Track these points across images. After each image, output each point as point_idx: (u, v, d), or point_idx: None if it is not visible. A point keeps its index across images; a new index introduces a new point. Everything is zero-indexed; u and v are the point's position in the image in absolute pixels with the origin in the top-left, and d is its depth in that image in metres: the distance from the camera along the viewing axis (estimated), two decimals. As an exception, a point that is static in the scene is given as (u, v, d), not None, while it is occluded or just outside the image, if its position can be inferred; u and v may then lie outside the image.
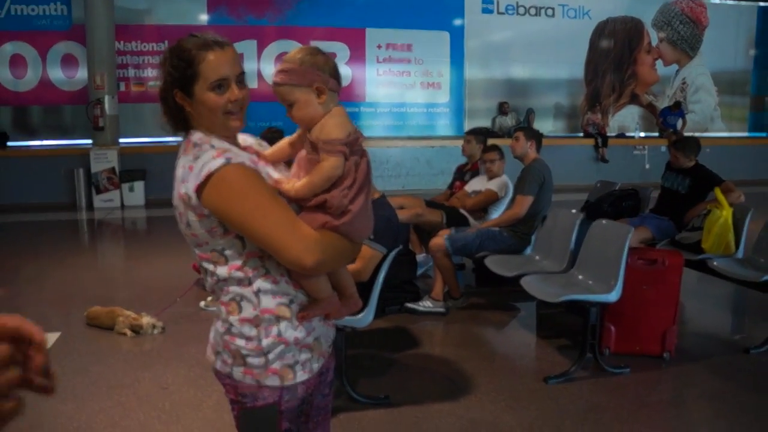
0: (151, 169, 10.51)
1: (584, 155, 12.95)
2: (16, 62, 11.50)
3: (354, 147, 1.61)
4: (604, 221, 4.39)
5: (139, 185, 10.69)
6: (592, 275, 4.16)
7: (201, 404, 3.53)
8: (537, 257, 4.94)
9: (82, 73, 11.37)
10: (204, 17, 12.30)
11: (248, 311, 1.60)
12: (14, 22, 11.51)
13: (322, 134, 1.60)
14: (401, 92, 13.19)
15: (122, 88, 11.46)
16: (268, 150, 1.76)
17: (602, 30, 14.19)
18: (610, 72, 14.37)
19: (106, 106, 10.62)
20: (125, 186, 10.65)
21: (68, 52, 11.59)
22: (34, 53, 11.50)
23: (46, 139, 11.73)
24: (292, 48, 1.70)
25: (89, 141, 10.88)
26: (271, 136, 4.19)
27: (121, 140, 11.00)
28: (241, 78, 1.61)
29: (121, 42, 11.50)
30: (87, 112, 10.80)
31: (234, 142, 1.66)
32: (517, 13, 13.54)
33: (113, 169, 10.54)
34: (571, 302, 3.94)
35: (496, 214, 5.60)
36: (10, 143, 11.16)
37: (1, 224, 9.16)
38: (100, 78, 10.62)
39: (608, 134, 13.58)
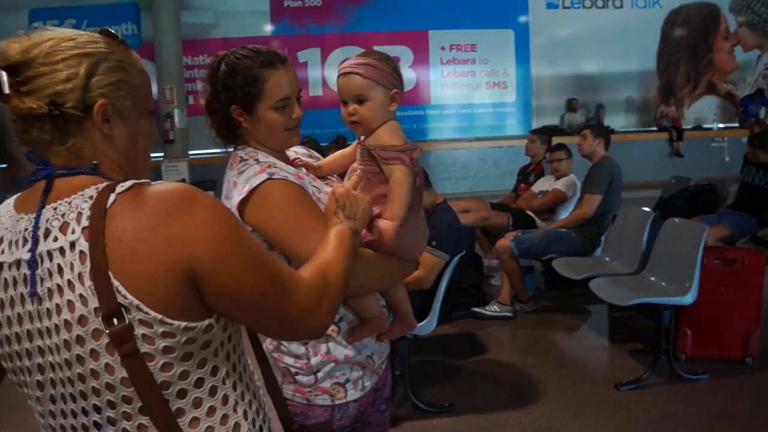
0: (220, 180, 10.60)
1: (658, 150, 12.47)
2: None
3: (413, 159, 1.55)
4: (677, 219, 4.20)
5: (209, 195, 11.00)
6: (665, 277, 3.99)
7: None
8: (607, 259, 4.78)
9: (152, 89, 11.76)
10: (268, 28, 12.53)
11: None
12: (90, 43, 12.07)
13: (380, 142, 1.55)
14: (467, 93, 13.03)
15: (191, 101, 11.81)
16: (321, 162, 1.73)
17: (674, 18, 13.62)
18: (684, 62, 13.77)
19: (176, 119, 10.97)
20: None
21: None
22: (108, 72, 12.03)
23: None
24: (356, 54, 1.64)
25: (160, 154, 11.26)
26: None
27: (191, 152, 11.33)
28: (299, 95, 1.59)
29: (189, 57, 11.86)
30: (158, 126, 11.19)
31: (283, 155, 1.65)
32: (583, 7, 13.16)
33: (184, 180, 10.87)
34: (644, 305, 3.77)
35: (564, 214, 5.46)
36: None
37: None
38: (170, 92, 10.99)
39: (684, 127, 13.03)
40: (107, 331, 0.94)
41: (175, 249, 0.95)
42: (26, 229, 1.00)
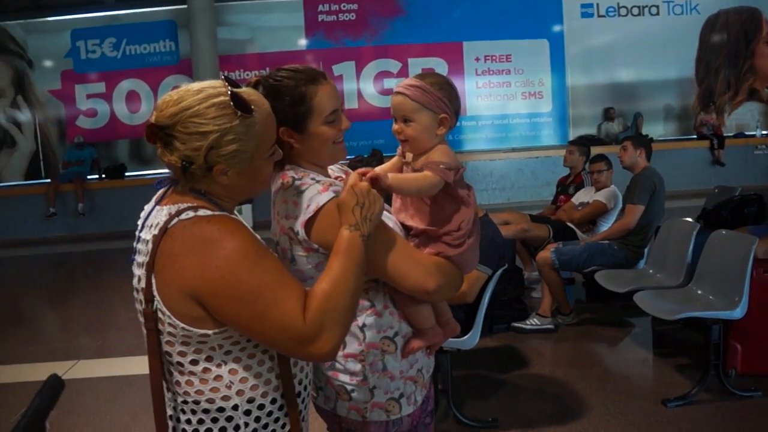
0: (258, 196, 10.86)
1: (699, 159, 12.24)
2: (131, 98, 12.38)
3: (459, 178, 1.58)
4: (723, 231, 4.10)
5: (247, 208, 11.05)
6: (712, 290, 3.89)
7: (311, 426, 3.57)
8: (650, 271, 4.69)
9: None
10: (303, 42, 12.68)
11: (353, 346, 1.59)
12: (129, 61, 12.43)
13: (435, 157, 1.59)
14: (502, 104, 13.00)
15: (228, 116, 12.02)
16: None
17: (713, 24, 13.40)
18: (724, 68, 13.52)
19: (215, 133, 11.15)
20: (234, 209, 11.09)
21: (177, 84, 12.23)
22: (147, 89, 12.31)
23: (159, 168, 12.45)
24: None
25: (200, 167, 11.46)
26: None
27: (231, 166, 11.50)
28: (342, 108, 1.62)
29: (225, 72, 12.05)
30: (197, 140, 11.38)
31: (326, 173, 1.66)
32: (619, 15, 13.04)
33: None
34: (690, 319, 3.69)
35: (605, 226, 5.38)
36: (128, 173, 11.93)
37: (126, 249, 9.74)
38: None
39: (725, 134, 12.77)
40: (142, 308, 1.34)
41: (183, 276, 1.28)
42: (143, 217, 1.42)
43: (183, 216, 1.30)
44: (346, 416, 1.63)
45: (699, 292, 3.99)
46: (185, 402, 1.37)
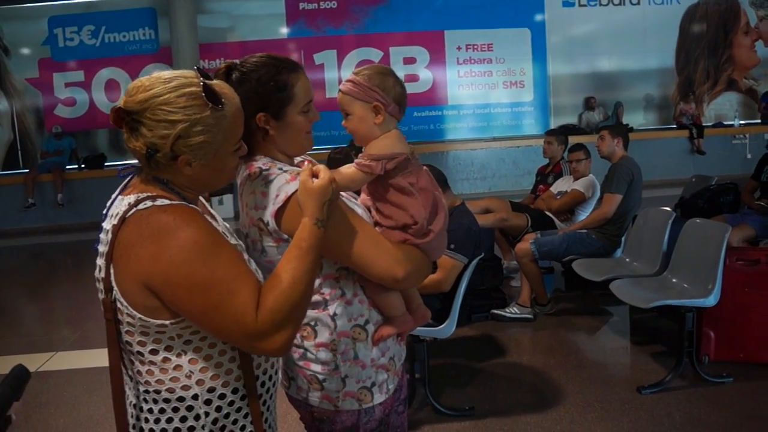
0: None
1: (678, 148, 12.34)
2: (111, 87, 12.19)
3: (400, 164, 1.59)
4: (698, 220, 4.15)
5: (228, 198, 11.04)
6: (687, 278, 3.94)
7: (285, 416, 3.57)
8: (627, 260, 4.73)
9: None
10: (284, 30, 12.59)
11: (324, 336, 1.59)
12: (108, 49, 12.25)
13: (367, 149, 1.62)
14: (484, 93, 13.00)
15: (209, 105, 11.93)
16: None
17: (693, 14, 13.48)
18: (703, 58, 13.62)
19: (194, 122, 11.06)
20: (215, 199, 11.02)
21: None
22: (126, 77, 12.11)
23: (138, 157, 12.36)
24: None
25: (179, 157, 11.37)
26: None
27: (210, 155, 11.42)
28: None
29: (206, 60, 11.93)
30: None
31: (292, 163, 1.66)
32: (600, 4, 13.06)
33: (204, 182, 10.94)
34: (665, 307, 3.73)
35: (584, 215, 5.42)
36: (107, 163, 11.79)
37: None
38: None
39: (704, 124, 12.88)
40: (102, 298, 1.34)
41: (137, 266, 1.27)
42: (107, 206, 1.40)
43: (141, 206, 1.29)
44: (318, 406, 1.63)
45: (674, 280, 4.04)
46: (147, 392, 1.38)
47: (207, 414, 1.37)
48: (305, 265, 1.32)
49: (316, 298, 1.56)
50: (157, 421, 1.38)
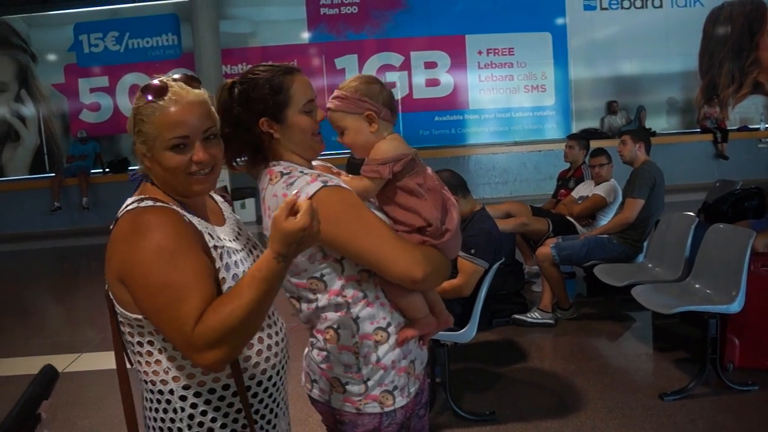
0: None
1: (702, 152, 12.20)
2: (135, 92, 12.27)
3: (407, 166, 1.61)
4: (722, 225, 4.10)
5: (250, 202, 11.13)
6: (710, 284, 3.90)
7: (308, 419, 3.59)
8: (649, 265, 4.70)
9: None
10: (305, 35, 12.66)
11: (347, 339, 1.61)
12: (132, 55, 12.43)
13: (371, 156, 1.63)
14: (505, 97, 12.95)
15: (230, 109, 12.04)
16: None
17: (717, 16, 13.32)
18: (728, 61, 13.45)
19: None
20: (237, 203, 11.11)
21: (179, 78, 12.30)
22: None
23: (164, 162, 12.48)
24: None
25: (201, 161, 11.47)
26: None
27: (231, 159, 11.50)
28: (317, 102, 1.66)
29: (228, 65, 12.05)
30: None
31: (311, 167, 1.68)
32: (622, 7, 12.97)
33: (225, 187, 11.02)
34: (688, 313, 3.70)
35: (605, 220, 5.38)
36: (131, 167, 11.95)
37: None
38: (210, 101, 11.16)
39: (728, 128, 12.72)
40: (105, 288, 1.44)
41: (114, 262, 1.37)
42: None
43: (130, 206, 1.39)
44: (340, 408, 1.65)
45: (697, 286, 4.00)
46: (144, 381, 1.47)
47: (183, 409, 1.41)
48: (254, 294, 1.27)
49: (339, 300, 1.58)
50: (150, 410, 1.46)
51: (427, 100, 12.71)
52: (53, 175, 12.00)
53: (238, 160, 1.67)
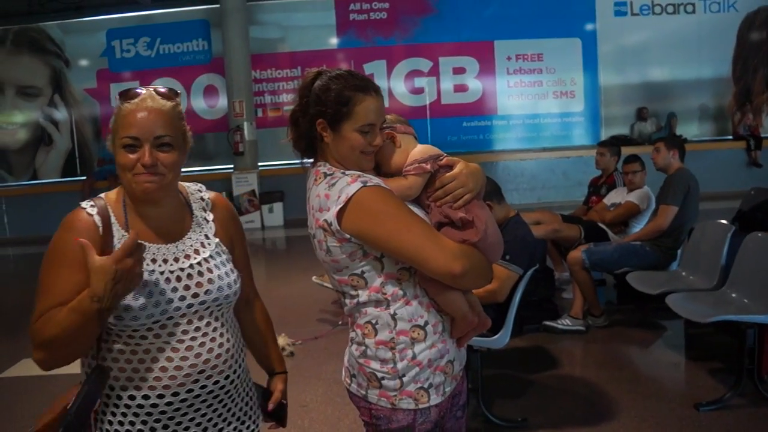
0: (288, 191, 10.99)
1: (735, 160, 12.02)
2: (167, 97, 12.50)
3: (439, 165, 1.67)
4: (759, 233, 4.04)
5: (278, 206, 11.22)
6: (747, 293, 3.84)
7: (338, 422, 3.61)
8: (683, 273, 4.64)
9: (222, 102, 12.27)
10: (334, 41, 12.74)
11: (384, 334, 1.64)
12: (163, 60, 12.63)
13: (409, 159, 1.71)
14: (534, 103, 12.90)
15: (260, 114, 12.15)
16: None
17: (752, 22, 13.11)
18: (762, 67, 13.22)
19: (246, 132, 11.27)
20: (265, 207, 11.20)
21: (210, 83, 12.51)
22: (180, 87, 12.40)
23: (192, 165, 12.55)
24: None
25: (231, 166, 11.58)
26: None
27: (260, 164, 11.61)
28: (382, 126, 1.69)
29: (257, 71, 12.18)
30: (228, 138, 11.51)
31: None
32: (653, 13, 12.83)
33: (253, 191, 11.12)
34: (724, 323, 3.65)
35: (638, 227, 5.33)
36: (160, 172, 12.10)
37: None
38: (239, 106, 11.31)
39: (762, 135, 12.51)
40: None
41: None
42: None
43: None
44: (376, 403, 1.68)
45: (733, 295, 3.94)
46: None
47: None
48: (63, 321, 1.40)
49: (378, 296, 1.62)
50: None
51: (455, 105, 12.70)
52: (84, 178, 12.20)
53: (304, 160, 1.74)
